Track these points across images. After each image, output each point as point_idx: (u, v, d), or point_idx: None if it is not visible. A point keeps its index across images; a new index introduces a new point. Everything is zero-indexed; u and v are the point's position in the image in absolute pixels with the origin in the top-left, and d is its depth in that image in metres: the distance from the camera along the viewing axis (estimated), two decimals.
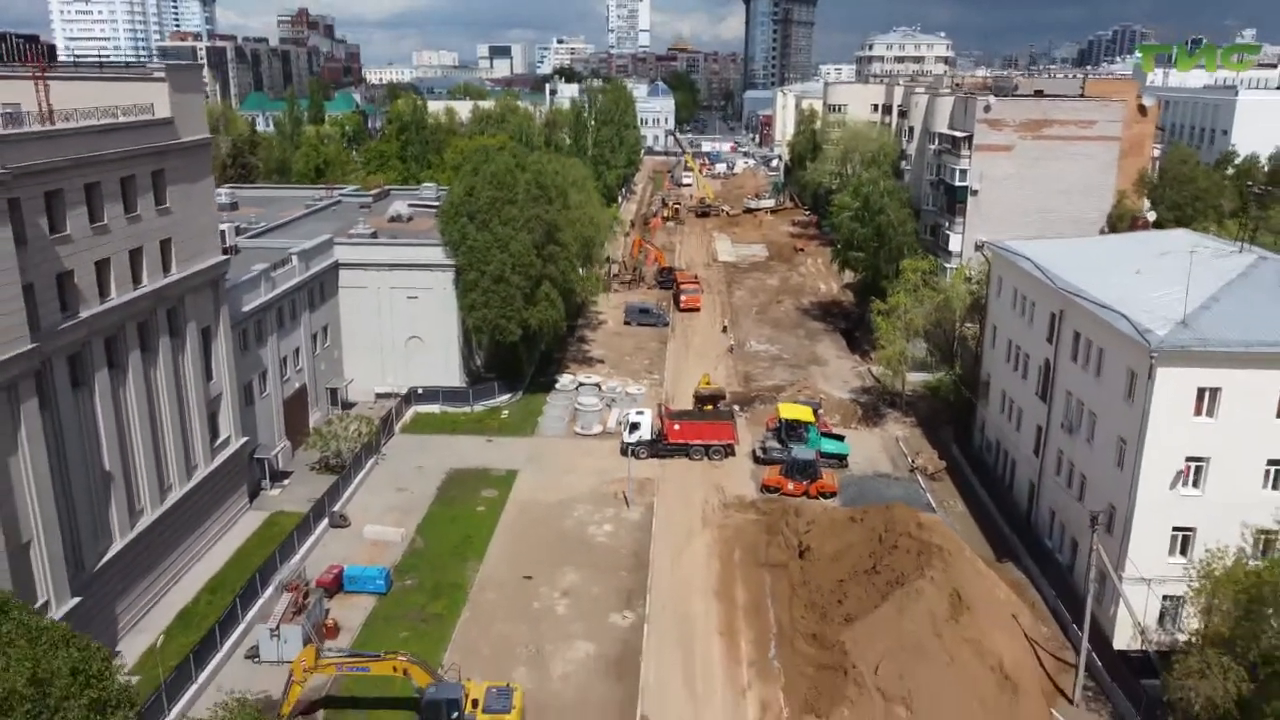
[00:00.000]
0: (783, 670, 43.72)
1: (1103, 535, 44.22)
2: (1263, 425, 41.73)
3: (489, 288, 69.83)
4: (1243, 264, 47.61)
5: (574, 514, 58.26)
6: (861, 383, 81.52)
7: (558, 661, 44.21)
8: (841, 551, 50.23)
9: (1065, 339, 51.36)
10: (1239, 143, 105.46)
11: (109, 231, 43.08)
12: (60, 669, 18.57)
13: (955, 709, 40.05)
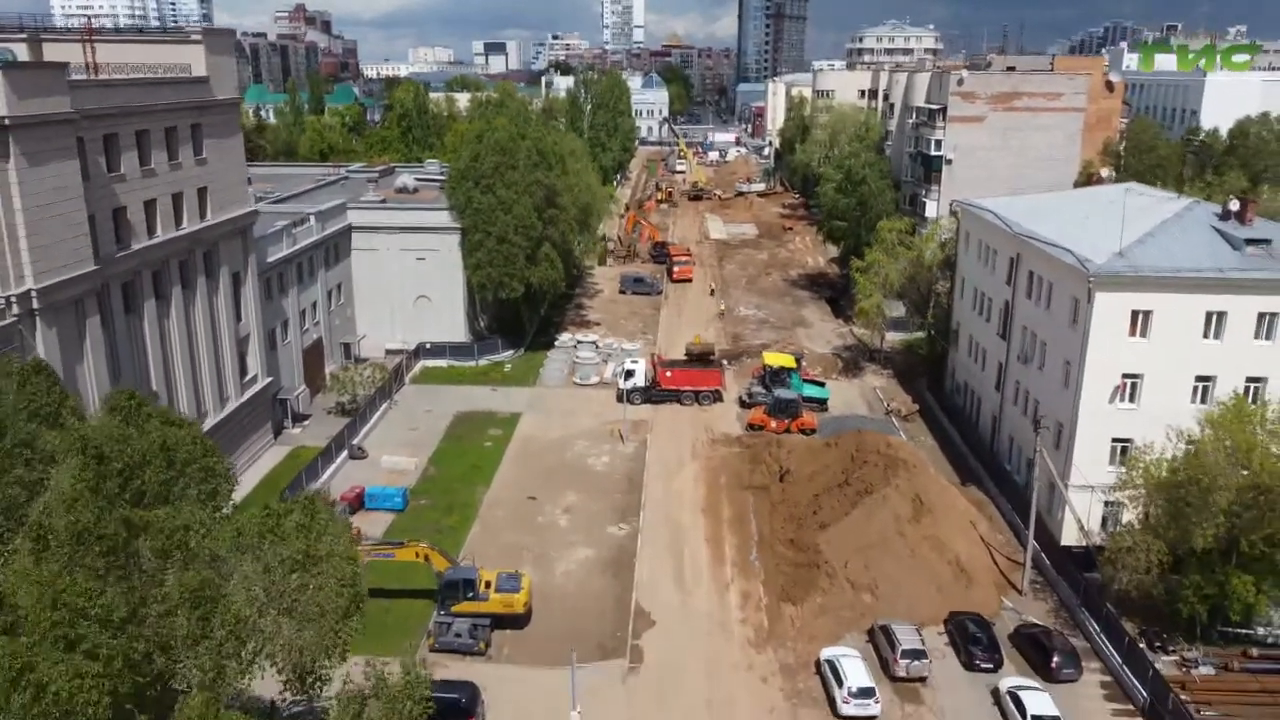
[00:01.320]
0: (763, 568, 48.67)
1: (1051, 451, 49.43)
2: (1190, 345, 46.72)
3: (493, 248, 74.67)
4: (1178, 208, 52.60)
5: (574, 448, 63.15)
6: (843, 342, 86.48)
7: (560, 563, 49.07)
8: (817, 472, 55.10)
9: (1021, 280, 56.38)
10: (1207, 122, 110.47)
11: (155, 175, 47.89)
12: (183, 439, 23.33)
13: (915, 595, 45.00)
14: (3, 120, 35.77)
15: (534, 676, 39.63)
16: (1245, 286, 46.06)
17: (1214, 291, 46.25)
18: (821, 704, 38.79)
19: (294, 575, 21.21)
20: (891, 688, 39.63)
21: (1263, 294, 46.16)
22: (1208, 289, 46.23)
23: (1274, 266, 46.63)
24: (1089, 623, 43.61)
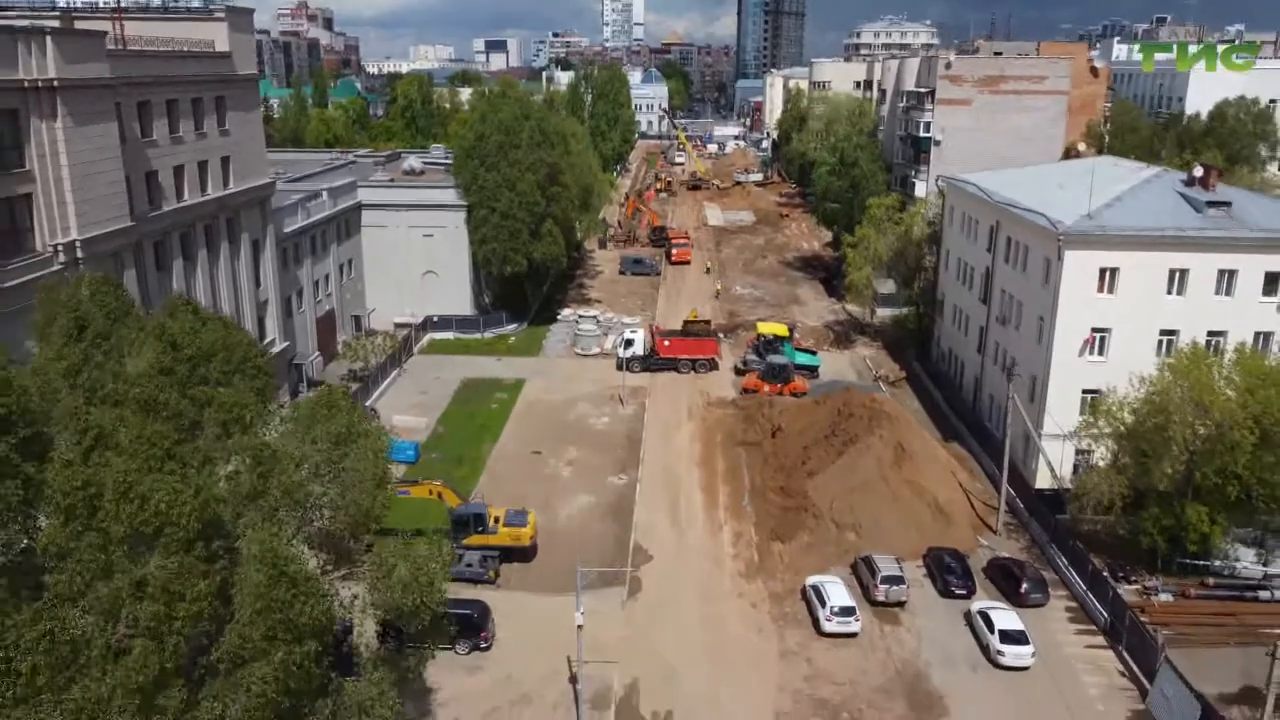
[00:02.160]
0: (754, 512, 51.77)
1: (1026, 403, 52.56)
2: (1155, 300, 49.84)
3: (498, 223, 77.76)
4: (1146, 176, 55.82)
5: (576, 410, 66.26)
6: (835, 318, 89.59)
7: (564, 508, 52.16)
8: (806, 428, 58.21)
9: (1000, 245, 59.50)
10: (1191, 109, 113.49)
11: (183, 143, 51.01)
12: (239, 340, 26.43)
13: (897, 534, 48.09)
14: (52, 82, 38.83)
15: (540, 602, 42.74)
16: (1206, 245, 49.17)
17: (1176, 250, 49.35)
18: (806, 625, 41.88)
19: (336, 449, 24.38)
20: (872, 612, 42.73)
21: (1222, 252, 49.26)
22: (1170, 247, 49.33)
23: (1233, 226, 49.78)
24: (1057, 557, 46.73)
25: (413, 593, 24.19)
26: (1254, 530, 45.74)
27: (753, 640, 40.96)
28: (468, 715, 35.70)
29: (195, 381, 23.43)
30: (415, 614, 24.55)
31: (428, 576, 24.91)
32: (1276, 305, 49.65)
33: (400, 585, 24.18)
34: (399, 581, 24.20)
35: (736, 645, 40.60)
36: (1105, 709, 37.01)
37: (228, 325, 26.64)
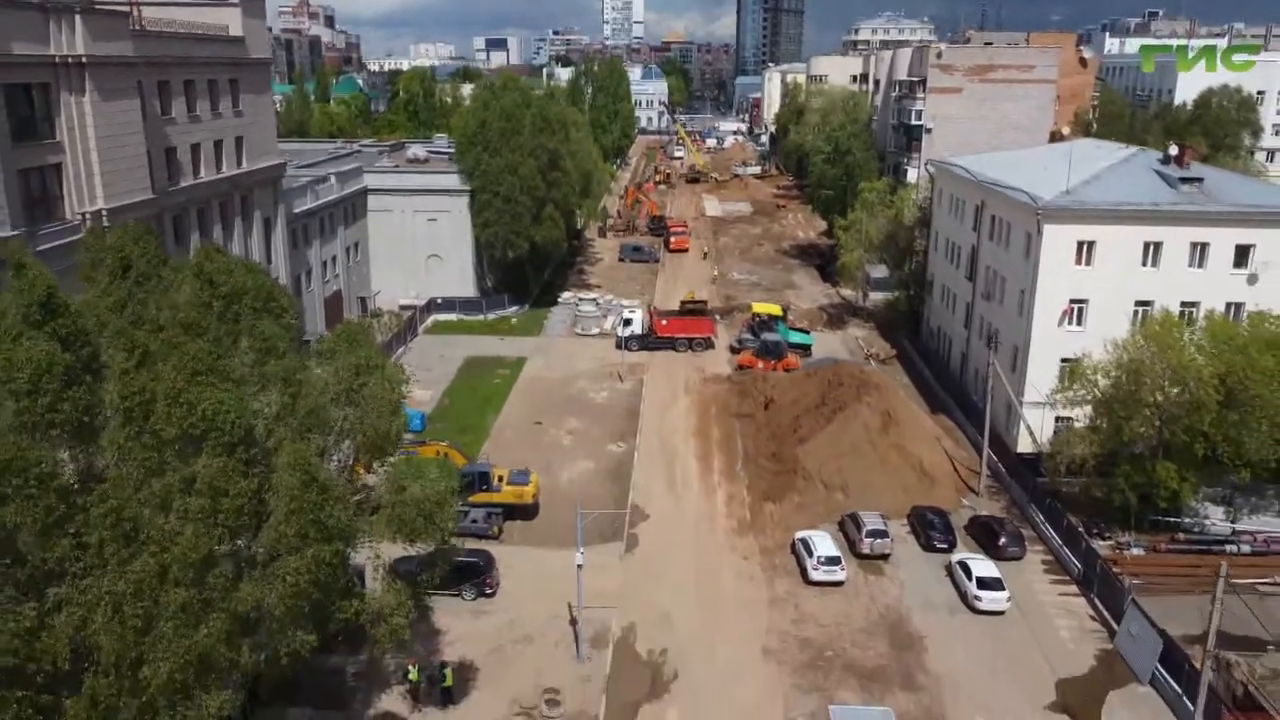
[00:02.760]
0: (747, 476, 54.02)
1: (1008, 373, 54.80)
2: (1130, 272, 52.02)
3: (500, 207, 80.00)
4: (1124, 155, 58.05)
5: (576, 385, 68.50)
6: (829, 301, 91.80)
7: (565, 473, 54.37)
8: (798, 399, 60.39)
9: (985, 224, 61.71)
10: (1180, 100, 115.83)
11: (200, 122, 53.27)
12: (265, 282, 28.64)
13: (883, 494, 50.28)
14: (80, 58, 41.05)
15: (542, 555, 44.93)
16: (1179, 219, 51.37)
17: (1151, 224, 51.55)
18: (795, 575, 44.11)
19: (356, 378, 26.57)
20: (857, 564, 44.95)
21: (1194, 226, 51.44)
22: (1145, 221, 51.52)
23: (1205, 201, 52.00)
24: (1035, 514, 48.98)
25: (424, 509, 26.39)
26: (1223, 490, 47.93)
27: (743, 589, 43.19)
28: (474, 653, 37.85)
29: (229, 317, 25.65)
30: (425, 531, 26.75)
31: (438, 495, 27.15)
32: (1246, 277, 51.79)
33: (413, 502, 26.39)
34: (411, 499, 26.45)
35: (728, 593, 42.83)
36: (1075, 648, 39.21)
37: (255, 270, 28.78)
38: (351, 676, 36.52)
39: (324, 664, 36.76)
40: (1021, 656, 38.59)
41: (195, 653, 18.65)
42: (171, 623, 18.49)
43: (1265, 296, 50.35)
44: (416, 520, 26.42)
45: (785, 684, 36.62)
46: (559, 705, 35.03)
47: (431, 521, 26.73)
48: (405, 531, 26.98)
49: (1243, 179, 57.25)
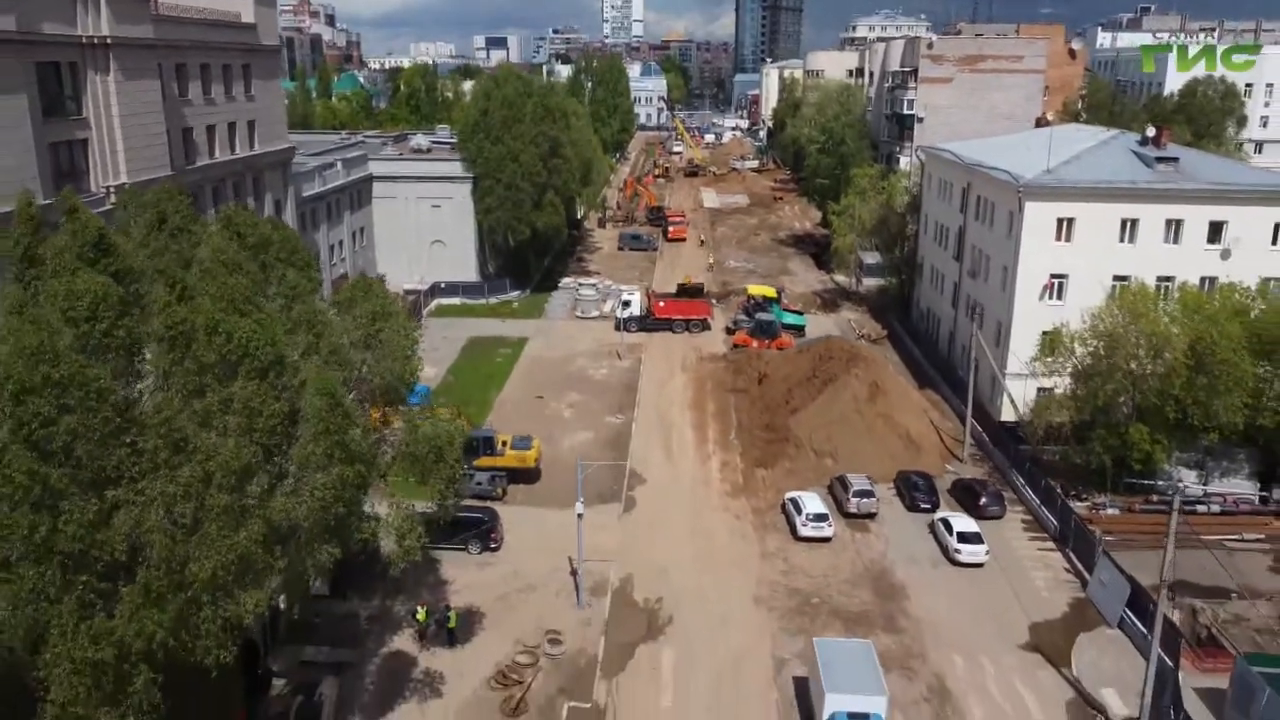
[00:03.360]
0: (740, 444, 56.19)
1: (992, 346, 56.98)
2: (1108, 248, 54.19)
3: (502, 194, 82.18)
4: (1104, 137, 60.23)
5: (576, 363, 70.68)
6: (824, 287, 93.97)
7: (565, 442, 56.50)
8: (790, 374, 62.52)
9: (971, 204, 63.90)
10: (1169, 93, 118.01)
11: (215, 104, 55.41)
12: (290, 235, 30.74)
13: (870, 460, 52.43)
14: (105, 39, 43.21)
15: (543, 514, 47.12)
16: (1154, 196, 53.58)
17: (1128, 201, 53.75)
18: (785, 532, 46.28)
19: (373, 324, 28.73)
20: (845, 522, 47.11)
21: (1169, 203, 53.64)
22: (1122, 198, 53.73)
23: (1179, 180, 54.22)
24: (1016, 478, 51.16)
25: (436, 444, 28.57)
26: (1196, 454, 50.03)
27: (736, 544, 45.37)
28: (480, 600, 40.00)
29: (257, 265, 27.75)
30: (435, 469, 28.92)
31: (448, 435, 29.32)
32: (1220, 252, 53.97)
33: (425, 439, 28.56)
34: (424, 436, 28.62)
35: (721, 548, 45.00)
36: (1049, 597, 41.39)
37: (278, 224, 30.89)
38: (364, 620, 38.68)
39: (339, 609, 39.03)
40: (998, 604, 40.75)
41: (235, 552, 20.79)
42: (215, 524, 20.62)
43: (1237, 271, 52.55)
44: (428, 457, 28.57)
45: (774, 627, 38.80)
46: (560, 645, 37.18)
47: (441, 458, 28.87)
48: (417, 469, 29.13)
49: (1217, 159, 59.43)
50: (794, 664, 36.14)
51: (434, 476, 28.76)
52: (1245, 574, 43.11)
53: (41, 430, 18.97)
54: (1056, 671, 36.39)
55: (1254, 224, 53.54)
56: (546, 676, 35.47)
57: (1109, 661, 36.90)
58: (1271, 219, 53.69)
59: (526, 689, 34.48)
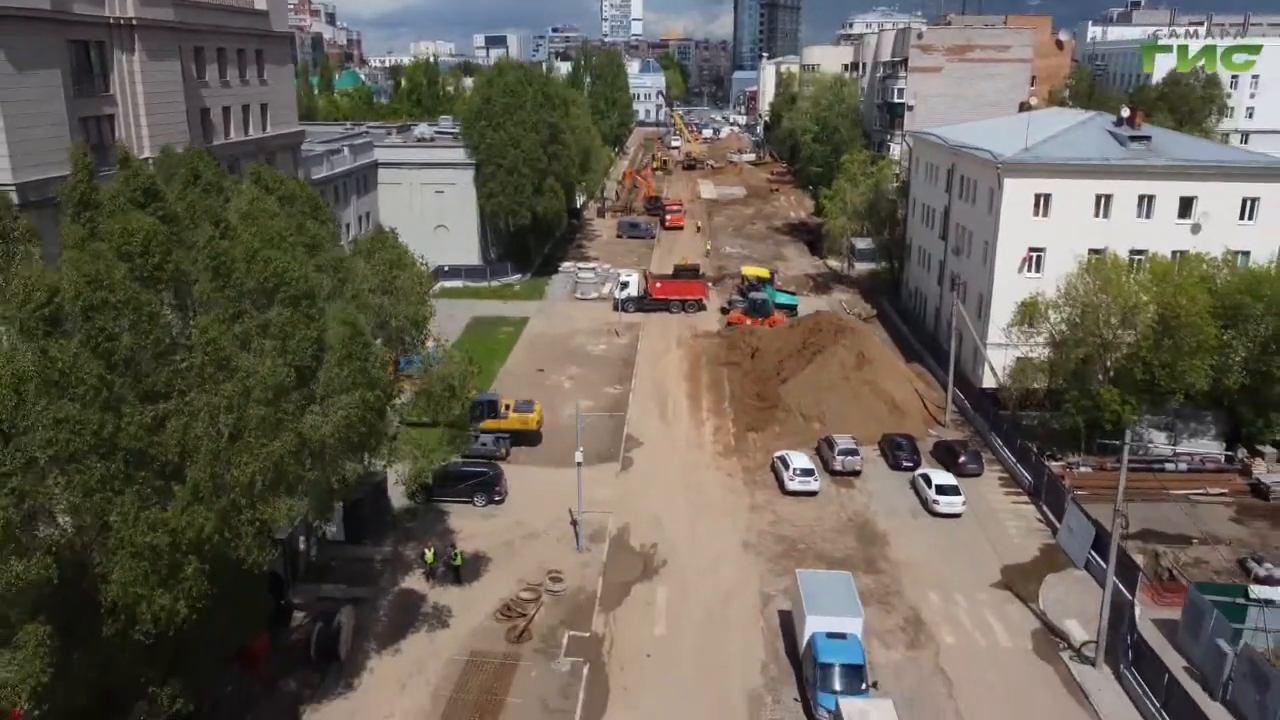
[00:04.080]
0: (733, 411, 58.77)
1: (974, 319, 59.55)
2: (1084, 222, 56.73)
3: (504, 179, 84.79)
4: (1081, 118, 62.81)
5: (575, 340, 73.27)
6: (817, 271, 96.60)
7: (566, 409, 58.90)
8: (782, 347, 65.13)
9: (955, 184, 66.49)
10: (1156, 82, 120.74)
11: (230, 87, 57.97)
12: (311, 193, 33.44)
13: (856, 424, 54.94)
14: (131, 20, 45.78)
15: (545, 473, 49.69)
16: (1127, 173, 56.16)
17: (1102, 177, 56.33)
18: (774, 488, 48.87)
19: (390, 270, 31.31)
20: (830, 480, 49.69)
21: (1141, 179, 56.22)
22: (1097, 175, 56.30)
23: (1151, 157, 56.78)
24: (994, 439, 53.74)
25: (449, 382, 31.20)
26: (1166, 417, 52.59)
27: (727, 498, 47.97)
28: (486, 546, 42.54)
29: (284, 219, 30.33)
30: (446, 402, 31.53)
31: (459, 375, 31.97)
32: (1190, 226, 56.51)
33: (438, 378, 31.18)
34: (437, 376, 31.25)
35: (713, 501, 47.60)
36: (1021, 543, 43.98)
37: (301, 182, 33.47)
38: (377, 563, 41.26)
39: (353, 554, 41.61)
40: (973, 549, 43.33)
41: (271, 460, 23.31)
42: (253, 434, 23.13)
43: (1208, 245, 55.00)
44: (442, 395, 31.18)
45: (761, 568, 41.38)
46: (561, 583, 39.75)
47: (454, 395, 31.47)
48: (432, 407, 31.72)
49: (1188, 138, 62.00)
50: (780, 599, 38.70)
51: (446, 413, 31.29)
52: (1208, 524, 45.80)
53: (106, 344, 21.51)
54: (1025, 606, 38.97)
55: (1223, 199, 56.07)
56: (548, 610, 38.03)
57: (1074, 598, 39.47)
58: (1239, 194, 56.25)
59: (530, 620, 37.05)
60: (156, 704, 26.06)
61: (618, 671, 34.57)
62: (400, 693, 33.03)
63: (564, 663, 34.80)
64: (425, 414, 32.31)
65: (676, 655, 35.45)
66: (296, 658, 34.17)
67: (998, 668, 35.05)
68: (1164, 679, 31.92)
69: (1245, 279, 50.46)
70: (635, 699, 33.08)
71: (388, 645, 35.62)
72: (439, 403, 31.55)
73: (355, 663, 34.39)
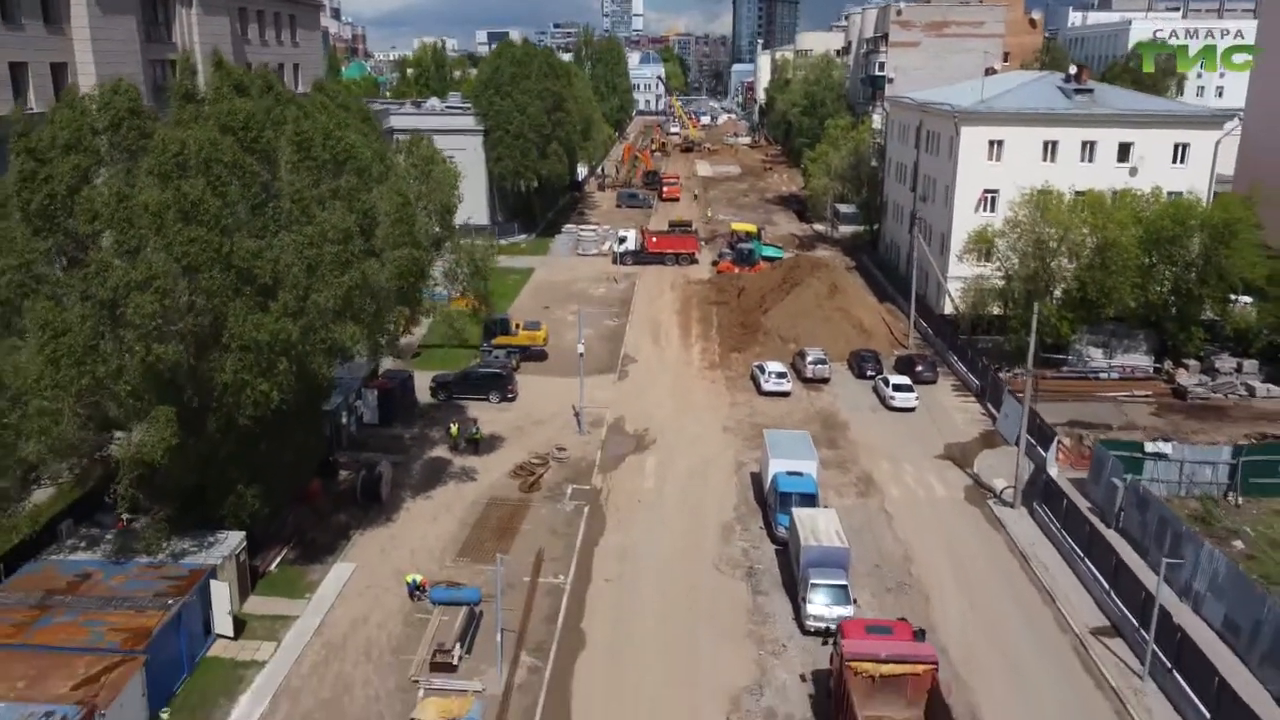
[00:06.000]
0: (718, 337, 65.49)
1: (936, 256, 66.21)
2: (1033, 166, 63.13)
3: (511, 143, 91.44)
4: (1035, 76, 69.48)
5: (578, 285, 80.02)
6: (803, 233, 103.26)
7: (568, 337, 65.72)
8: (764, 285, 71.83)
9: (923, 139, 73.15)
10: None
11: (268, 46, 64.73)
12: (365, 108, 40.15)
13: (828, 344, 61.44)
14: None
15: (551, 380, 56.36)
16: (1071, 121, 62.74)
17: (1049, 125, 62.85)
18: (752, 392, 55.56)
19: (426, 164, 38.00)
20: (802, 386, 56.37)
21: (1084, 127, 62.77)
22: (1044, 123, 62.84)
23: (1093, 107, 63.42)
24: (950, 356, 60.39)
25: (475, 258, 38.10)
26: (1103, 336, 59.20)
27: (710, 398, 54.71)
28: (501, 429, 49.19)
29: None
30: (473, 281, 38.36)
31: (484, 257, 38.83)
32: (1128, 170, 63.05)
33: (465, 251, 38.00)
34: (465, 252, 38.01)
35: (698, 401, 54.36)
36: (964, 429, 50.67)
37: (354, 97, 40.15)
38: (408, 439, 47.99)
39: (386, 433, 48.34)
40: (922, 434, 50.03)
41: (341, 290, 29.92)
42: (328, 268, 29.79)
43: (1144, 186, 61.54)
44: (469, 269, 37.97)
45: (737, 445, 48.10)
46: (565, 452, 46.49)
47: (479, 272, 38.26)
48: (459, 281, 38.49)
49: (1127, 92, 68.54)
50: (751, 465, 45.39)
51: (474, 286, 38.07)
52: (1131, 418, 52.38)
53: (220, 188, 28.19)
54: (961, 471, 45.69)
55: (1156, 145, 62.59)
56: (554, 472, 44.75)
57: (1004, 465, 45.90)
58: (1171, 140, 62.81)
59: (539, 476, 43.79)
60: (241, 500, 32.83)
61: (613, 511, 41.28)
62: (432, 523, 39.74)
63: (568, 504, 41.55)
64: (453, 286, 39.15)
65: (663, 500, 42.20)
66: (345, 500, 40.91)
67: (932, 509, 41.78)
68: (1064, 506, 38.58)
69: (1173, 208, 57.05)
70: (627, 527, 39.80)
71: (420, 493, 42.34)
72: (463, 282, 38.24)
73: (393, 503, 41.10)
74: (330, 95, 37.66)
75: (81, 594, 29.31)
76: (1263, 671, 29.90)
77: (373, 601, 33.96)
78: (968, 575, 36.46)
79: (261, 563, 35.34)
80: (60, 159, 27.68)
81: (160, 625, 27.85)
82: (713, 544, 38.41)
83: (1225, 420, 51.85)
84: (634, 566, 36.74)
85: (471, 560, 36.65)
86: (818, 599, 31.91)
